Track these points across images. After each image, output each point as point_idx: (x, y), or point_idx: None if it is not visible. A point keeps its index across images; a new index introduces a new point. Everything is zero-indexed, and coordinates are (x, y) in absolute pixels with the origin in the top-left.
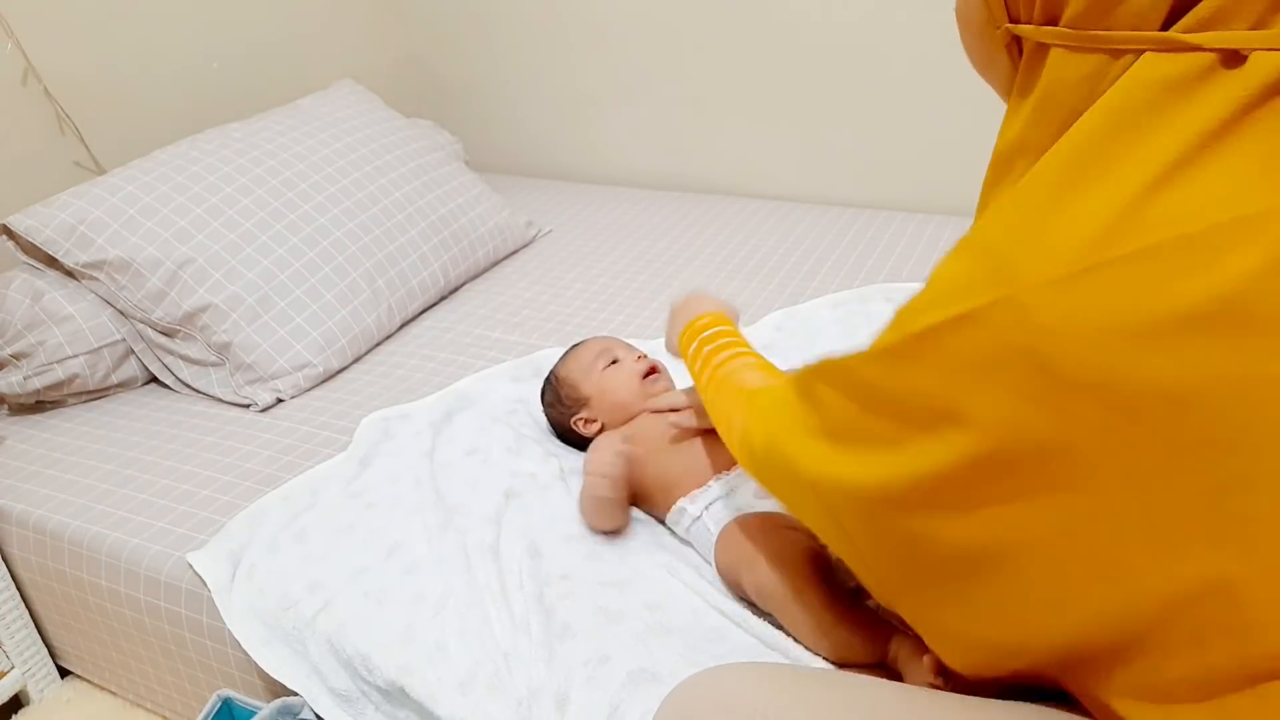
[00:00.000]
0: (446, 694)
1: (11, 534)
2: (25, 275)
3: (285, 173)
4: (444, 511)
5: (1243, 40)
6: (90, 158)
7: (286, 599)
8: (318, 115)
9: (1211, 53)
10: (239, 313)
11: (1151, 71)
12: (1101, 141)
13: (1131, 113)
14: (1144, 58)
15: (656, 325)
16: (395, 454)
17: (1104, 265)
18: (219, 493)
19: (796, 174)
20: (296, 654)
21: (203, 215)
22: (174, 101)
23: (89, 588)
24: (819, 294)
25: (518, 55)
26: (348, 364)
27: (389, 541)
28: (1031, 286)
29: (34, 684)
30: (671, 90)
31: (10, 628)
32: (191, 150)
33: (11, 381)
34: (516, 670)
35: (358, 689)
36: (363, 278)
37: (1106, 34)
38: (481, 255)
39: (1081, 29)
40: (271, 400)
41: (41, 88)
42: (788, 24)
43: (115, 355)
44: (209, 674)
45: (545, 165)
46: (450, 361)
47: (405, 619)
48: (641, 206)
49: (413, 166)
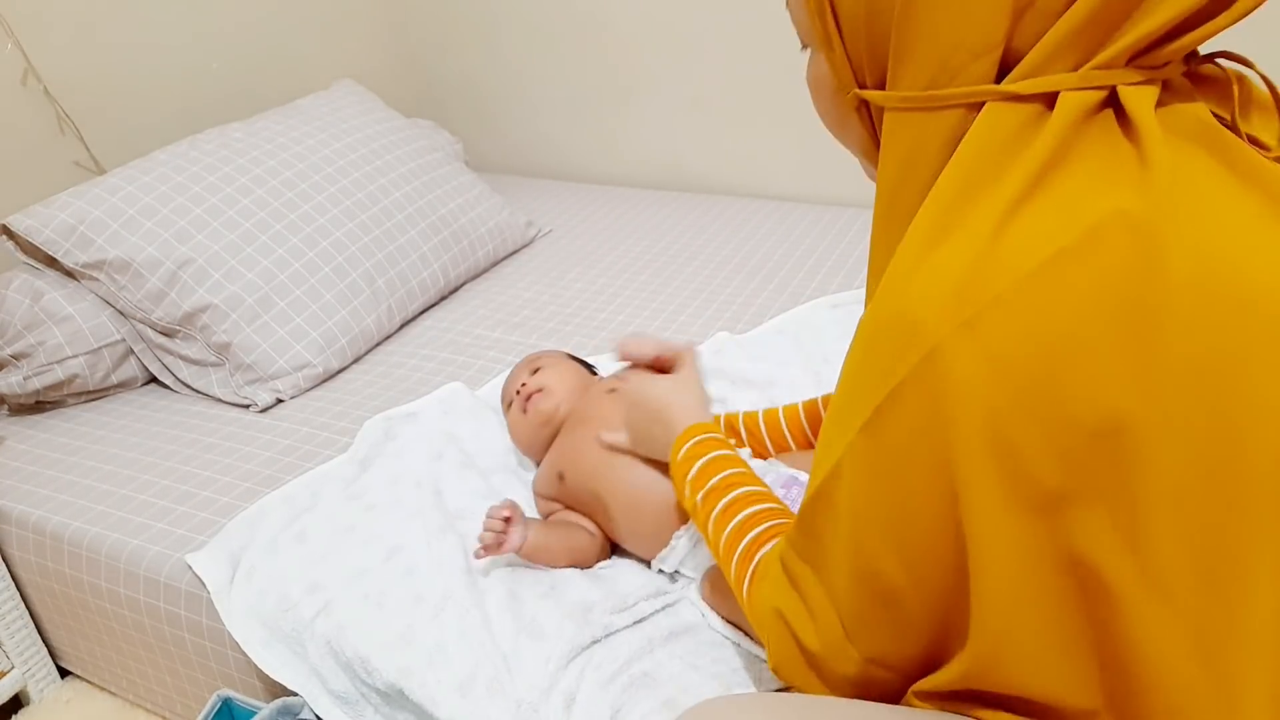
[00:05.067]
0: (446, 696)
1: (11, 534)
2: (25, 275)
3: (285, 173)
4: (444, 513)
5: (1056, 84)
6: (90, 158)
7: (286, 600)
8: (318, 115)
9: (1034, 99)
10: (239, 313)
11: (996, 120)
12: (958, 194)
13: (981, 162)
14: (988, 108)
15: (656, 325)
16: (397, 455)
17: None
18: (219, 493)
19: (796, 174)
20: (296, 655)
21: (203, 215)
22: (174, 101)
23: (89, 588)
24: (819, 294)
25: (518, 55)
26: (348, 364)
27: (389, 543)
28: (946, 336)
29: (34, 684)
30: (671, 90)
31: (10, 628)
32: (191, 150)
33: (11, 381)
34: (516, 672)
35: (357, 691)
36: (363, 278)
37: (942, 93)
38: (481, 255)
39: (920, 91)
40: (271, 400)
41: (41, 88)
42: (788, 24)
43: (115, 355)
44: (209, 675)
45: (545, 165)
46: (450, 361)
47: (405, 621)
48: (641, 206)
49: (413, 166)
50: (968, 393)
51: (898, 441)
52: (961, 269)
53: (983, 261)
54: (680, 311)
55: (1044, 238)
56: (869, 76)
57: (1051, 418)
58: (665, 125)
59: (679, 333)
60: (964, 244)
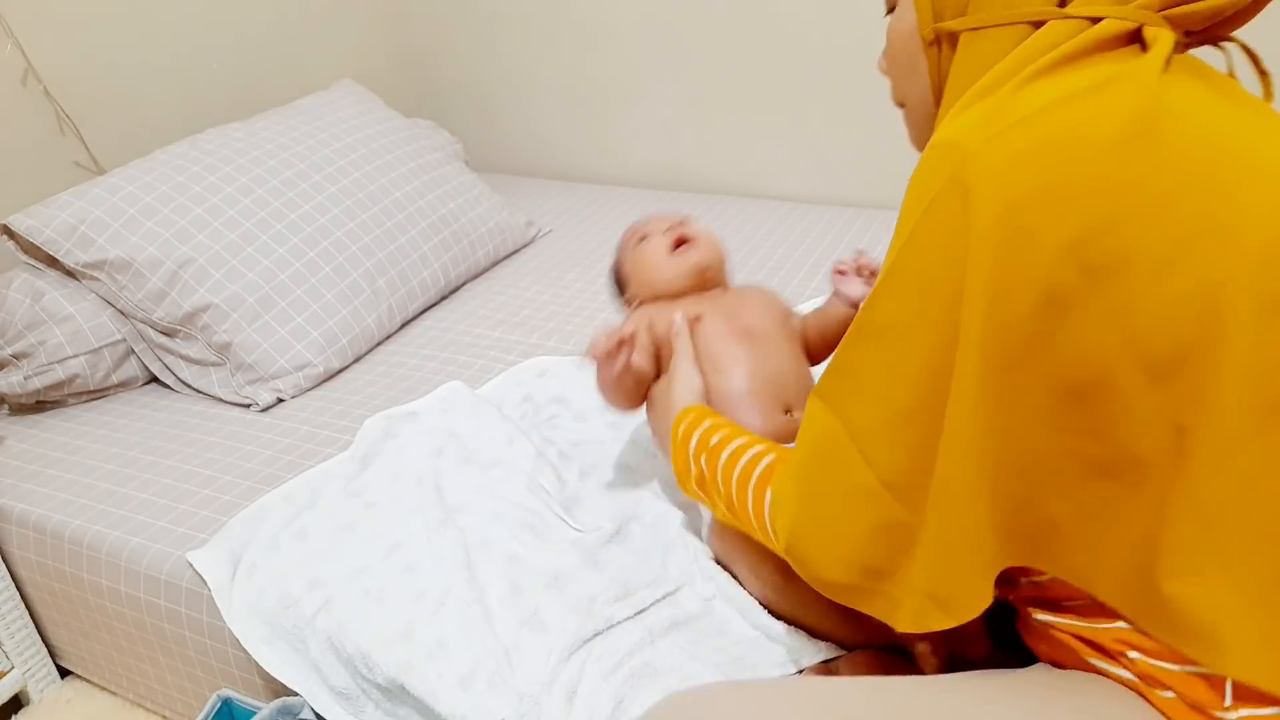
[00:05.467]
0: (447, 691)
1: (11, 534)
2: (25, 275)
3: (285, 173)
4: (444, 509)
5: (1102, 10)
6: (90, 158)
7: (286, 597)
8: (318, 115)
9: (1083, 20)
10: (239, 313)
11: (1049, 30)
12: (1001, 75)
13: (1027, 55)
14: (1048, 25)
15: None
16: (397, 453)
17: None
18: (219, 492)
19: (796, 174)
20: (297, 652)
21: (203, 215)
22: (174, 101)
23: (89, 587)
24: (818, 294)
25: (518, 55)
26: (348, 364)
27: (389, 540)
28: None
29: (34, 684)
30: (672, 90)
31: (10, 628)
32: (191, 150)
33: (12, 381)
34: (517, 666)
35: (358, 687)
36: (363, 278)
37: (1014, 11)
38: (481, 255)
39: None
40: (272, 400)
41: (41, 88)
42: (788, 23)
43: (115, 355)
44: (209, 673)
45: (545, 165)
46: (450, 361)
47: (405, 616)
48: (642, 206)
49: (413, 166)
50: (991, 186)
51: (929, 246)
52: (994, 106)
53: (1011, 99)
54: None
55: (1064, 87)
56: (948, 11)
57: (1062, 212)
58: (665, 125)
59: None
60: (999, 95)
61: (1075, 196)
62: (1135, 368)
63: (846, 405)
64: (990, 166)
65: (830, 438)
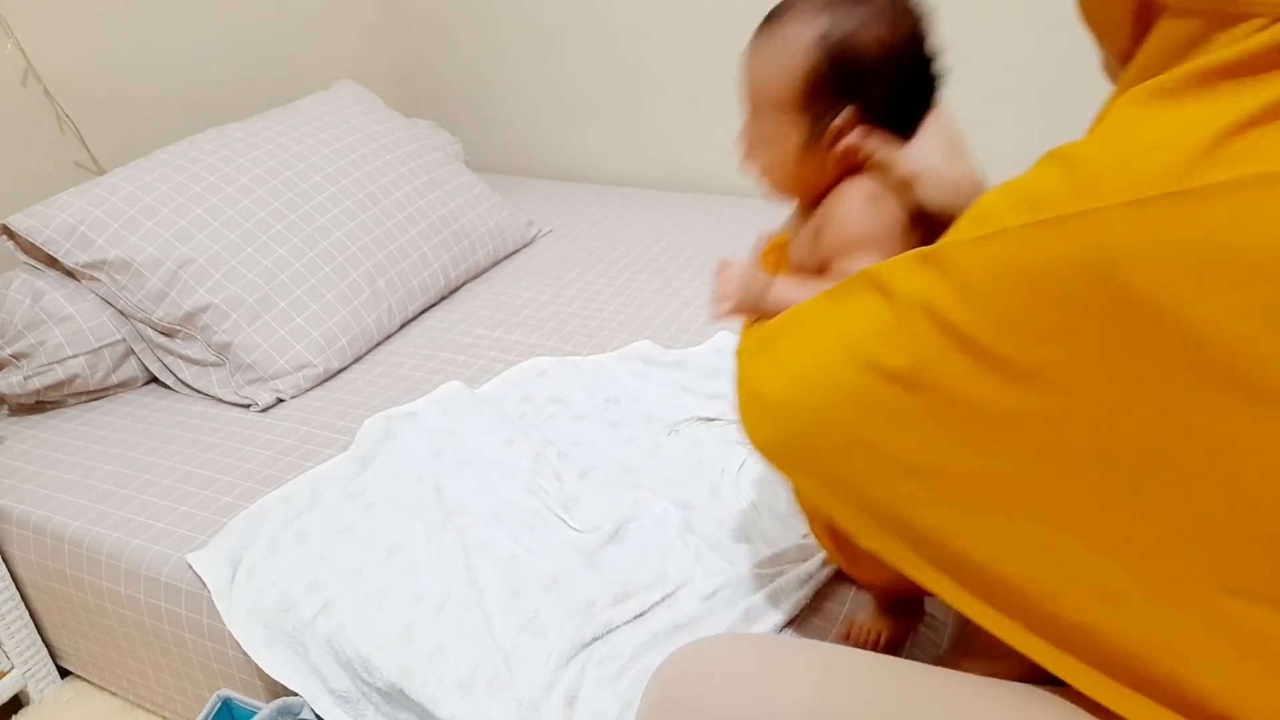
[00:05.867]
0: (447, 695)
1: (11, 534)
2: (25, 275)
3: (285, 173)
4: (444, 510)
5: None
6: (90, 158)
7: (286, 600)
8: (318, 115)
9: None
10: (239, 313)
11: (1263, 37)
12: (1203, 78)
13: (1235, 63)
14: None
15: (657, 325)
16: (396, 454)
17: (1188, 193)
18: (219, 493)
19: None
20: (297, 655)
21: (203, 215)
22: (174, 101)
23: (89, 588)
24: None
25: (518, 56)
26: (348, 364)
27: (389, 541)
28: (1115, 204)
29: (34, 684)
30: (672, 90)
31: (10, 628)
32: (191, 150)
33: (11, 381)
34: (517, 670)
35: (358, 690)
36: (363, 278)
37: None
38: (481, 255)
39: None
40: (272, 400)
41: (41, 88)
42: None
43: (115, 355)
44: (209, 674)
45: (545, 165)
46: (450, 361)
47: (405, 619)
48: (642, 206)
49: (413, 166)
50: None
51: None
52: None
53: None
54: (680, 311)
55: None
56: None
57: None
58: (666, 125)
59: (679, 333)
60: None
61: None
62: None
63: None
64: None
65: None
